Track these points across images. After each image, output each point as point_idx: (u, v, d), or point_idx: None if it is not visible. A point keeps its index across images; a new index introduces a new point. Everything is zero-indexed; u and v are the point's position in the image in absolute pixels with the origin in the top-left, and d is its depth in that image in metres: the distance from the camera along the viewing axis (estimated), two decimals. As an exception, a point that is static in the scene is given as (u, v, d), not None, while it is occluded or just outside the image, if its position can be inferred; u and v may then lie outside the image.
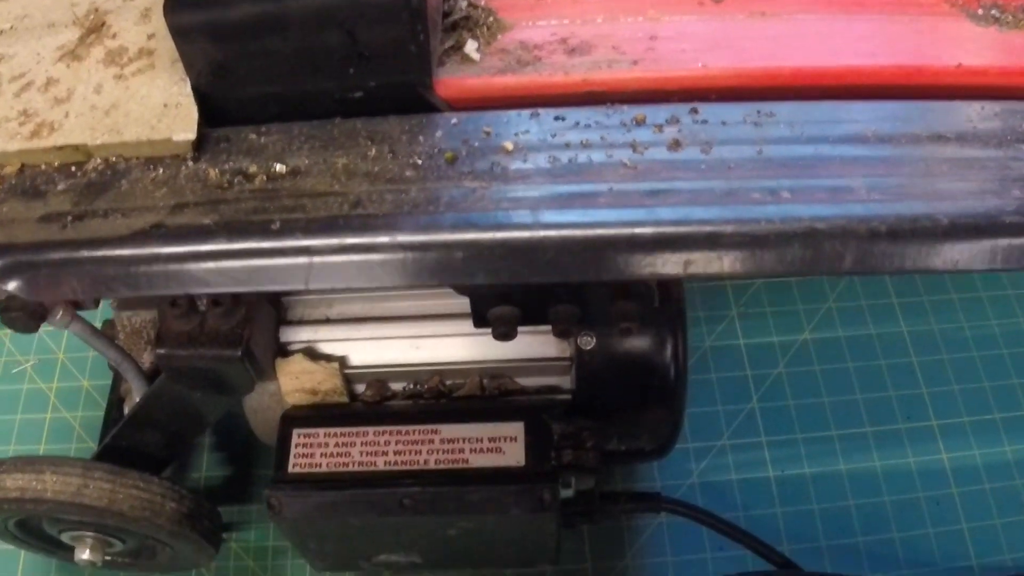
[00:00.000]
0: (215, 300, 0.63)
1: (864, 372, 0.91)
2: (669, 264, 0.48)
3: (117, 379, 0.81)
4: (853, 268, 0.48)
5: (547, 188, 0.49)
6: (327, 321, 0.70)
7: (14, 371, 0.97)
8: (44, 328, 0.88)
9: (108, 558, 0.79)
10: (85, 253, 0.48)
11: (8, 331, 0.89)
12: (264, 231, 0.47)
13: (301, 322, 0.70)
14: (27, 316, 0.61)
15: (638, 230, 0.46)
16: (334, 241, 0.46)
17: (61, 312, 0.63)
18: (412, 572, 0.83)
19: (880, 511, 0.85)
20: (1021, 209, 0.46)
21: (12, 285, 0.49)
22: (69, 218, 0.49)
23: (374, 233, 0.47)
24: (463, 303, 0.64)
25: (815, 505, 0.85)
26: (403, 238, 0.47)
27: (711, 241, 0.47)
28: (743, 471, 0.87)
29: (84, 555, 0.75)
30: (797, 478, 0.86)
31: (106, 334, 0.69)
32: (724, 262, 0.47)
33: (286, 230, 0.47)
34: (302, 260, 0.47)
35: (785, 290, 0.96)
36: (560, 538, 0.70)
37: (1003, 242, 0.46)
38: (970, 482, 0.87)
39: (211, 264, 0.48)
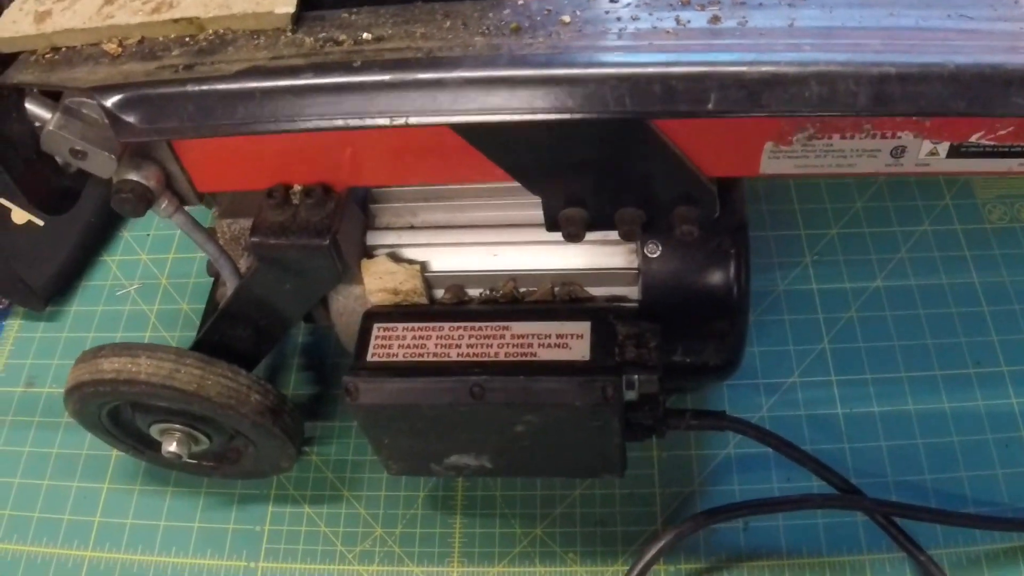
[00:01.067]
0: (307, 191, 0.67)
1: (935, 319, 0.93)
2: (698, 100, 0.55)
3: (214, 289, 0.86)
4: (866, 107, 0.54)
5: (598, 43, 0.55)
6: (410, 228, 0.74)
7: (119, 293, 1.03)
8: (148, 256, 0.94)
9: (194, 460, 0.84)
10: (191, 88, 0.57)
11: (116, 256, 0.96)
12: (347, 68, 0.52)
13: (387, 228, 0.75)
14: (136, 199, 0.66)
15: (669, 69, 0.54)
16: (407, 76, 0.51)
17: (166, 202, 0.68)
18: (481, 478, 0.86)
19: (948, 450, 0.86)
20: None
21: (130, 116, 0.57)
22: (180, 67, 0.55)
23: (442, 69, 0.52)
24: (538, 214, 0.67)
25: (883, 442, 0.86)
26: (466, 74, 0.52)
27: (735, 79, 0.53)
28: (812, 407, 0.89)
29: (171, 447, 0.79)
30: (865, 416, 0.88)
31: (206, 229, 0.73)
32: (745, 99, 0.54)
33: (365, 67, 0.51)
34: (381, 95, 0.52)
35: (858, 240, 0.97)
36: (624, 448, 0.73)
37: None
38: (1040, 426, 0.86)
39: (300, 98, 0.53)
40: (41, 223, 1.05)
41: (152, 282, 1.04)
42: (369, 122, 0.58)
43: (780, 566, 0.82)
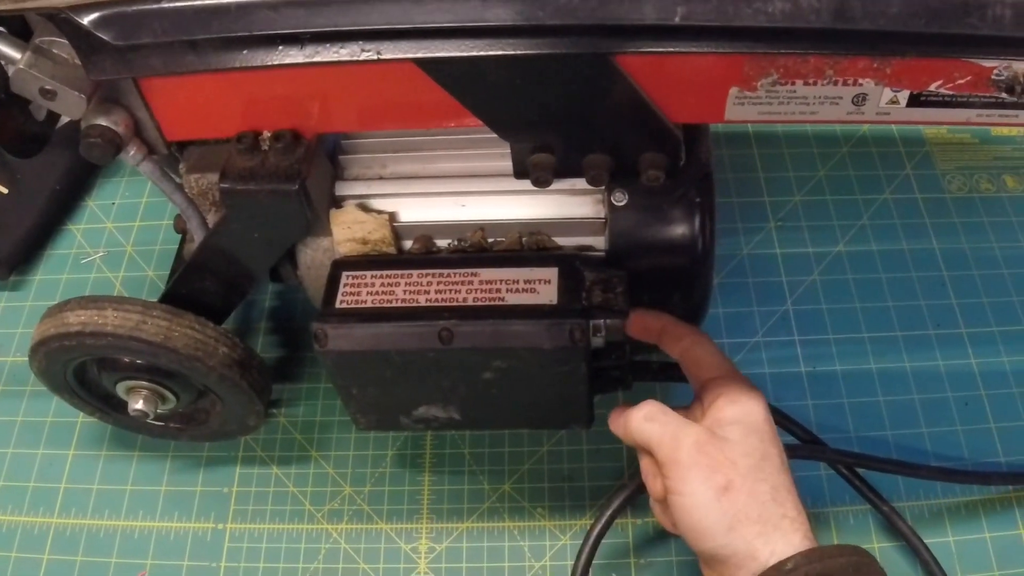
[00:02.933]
0: (276, 136, 0.67)
1: (896, 283, 0.94)
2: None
3: (181, 246, 0.86)
4: (828, 24, 0.56)
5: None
6: (379, 179, 0.75)
7: (83, 261, 1.03)
8: (113, 224, 0.94)
9: (160, 421, 0.85)
10: (167, 4, 0.58)
11: (80, 225, 0.96)
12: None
13: (356, 179, 0.75)
14: (105, 144, 0.66)
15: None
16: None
17: (135, 149, 0.68)
18: (449, 436, 0.87)
19: (909, 407, 0.88)
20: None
21: (106, 34, 0.59)
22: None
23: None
24: (505, 165, 0.68)
25: (845, 399, 0.88)
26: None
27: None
28: (776, 365, 0.90)
29: (138, 405, 0.79)
30: (828, 374, 0.89)
31: (174, 180, 0.73)
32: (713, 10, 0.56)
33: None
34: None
35: (821, 207, 0.99)
36: (592, 399, 0.73)
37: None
38: (999, 386, 0.89)
39: (274, 12, 0.54)
40: (5, 191, 1.05)
41: (117, 250, 1.04)
42: (339, 56, 0.58)
43: (745, 519, 0.82)
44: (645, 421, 0.65)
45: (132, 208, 1.08)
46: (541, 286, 0.69)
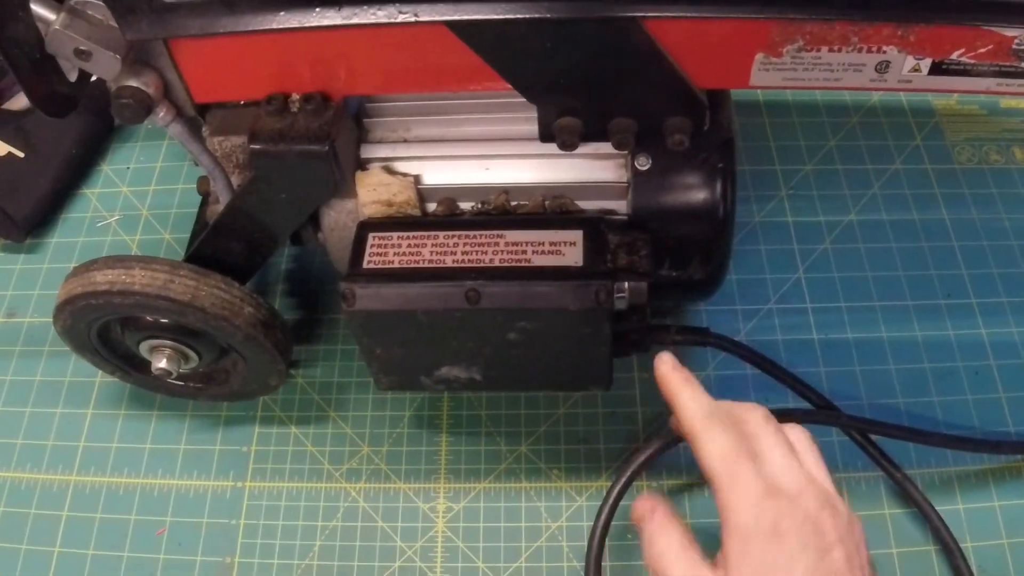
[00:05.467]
0: (307, 98, 0.68)
1: (906, 252, 0.95)
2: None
3: (202, 208, 0.87)
4: None
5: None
6: (404, 142, 0.75)
7: (99, 225, 1.04)
8: (128, 188, 0.95)
9: (181, 381, 0.86)
10: None
11: (95, 189, 0.96)
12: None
13: (380, 142, 0.76)
14: (136, 105, 0.66)
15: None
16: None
17: (164, 110, 0.69)
18: (467, 398, 0.88)
19: (920, 376, 0.89)
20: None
21: None
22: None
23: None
24: (530, 128, 0.69)
25: (857, 367, 0.89)
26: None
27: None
28: (788, 332, 0.91)
29: (161, 364, 0.80)
30: (840, 342, 0.90)
31: (202, 140, 0.73)
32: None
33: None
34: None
35: (832, 176, 1.00)
36: (612, 360, 0.74)
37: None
38: (1009, 356, 0.90)
39: None
40: (21, 155, 1.05)
41: (133, 213, 1.05)
42: (376, 19, 0.59)
43: (759, 482, 0.83)
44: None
45: (147, 173, 1.09)
46: (566, 248, 0.70)
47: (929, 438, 0.82)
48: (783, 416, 0.77)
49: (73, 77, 0.71)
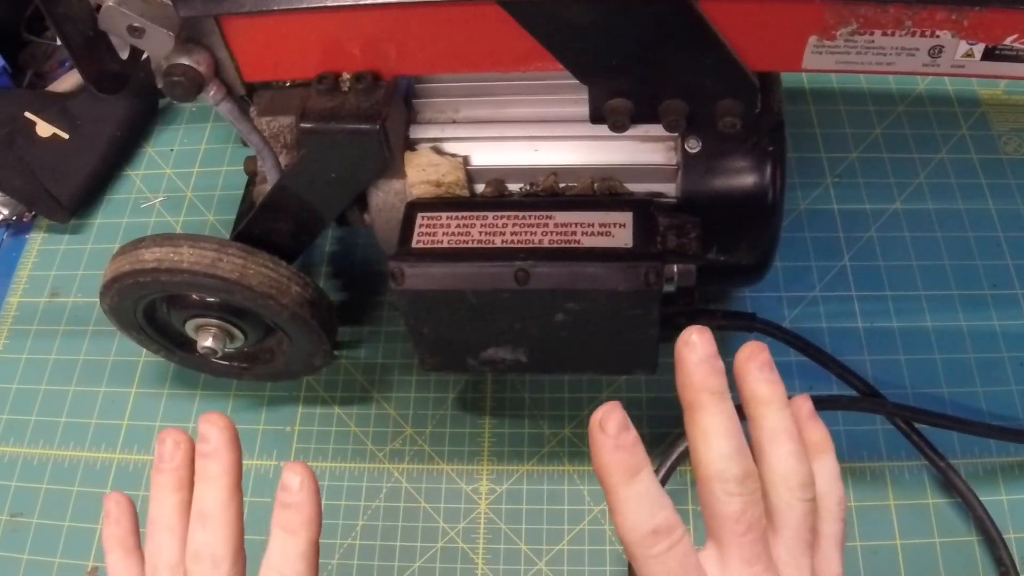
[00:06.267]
0: (358, 77, 0.68)
1: (952, 242, 0.95)
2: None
3: (248, 188, 0.87)
4: None
5: None
6: (453, 122, 0.75)
7: (143, 206, 1.04)
8: (172, 170, 0.95)
9: (225, 360, 0.87)
10: None
11: (140, 171, 0.97)
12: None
13: (429, 122, 0.76)
14: (187, 83, 0.67)
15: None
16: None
17: (215, 89, 0.69)
18: (510, 381, 0.88)
19: (965, 366, 0.88)
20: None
21: None
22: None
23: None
24: (579, 110, 0.68)
25: (902, 356, 0.88)
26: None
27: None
28: (833, 320, 0.90)
29: (207, 343, 0.80)
30: (885, 330, 0.90)
31: (251, 120, 0.74)
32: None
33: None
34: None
35: (878, 164, 0.99)
36: (658, 346, 0.74)
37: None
38: (1055, 349, 0.88)
39: None
40: (66, 136, 1.06)
41: (177, 195, 1.05)
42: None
43: (803, 469, 0.83)
44: None
45: (191, 155, 1.09)
46: (616, 230, 0.70)
47: (973, 427, 0.82)
48: (828, 403, 0.77)
49: (125, 55, 0.72)
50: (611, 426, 0.46)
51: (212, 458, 0.51)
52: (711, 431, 0.46)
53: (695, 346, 0.47)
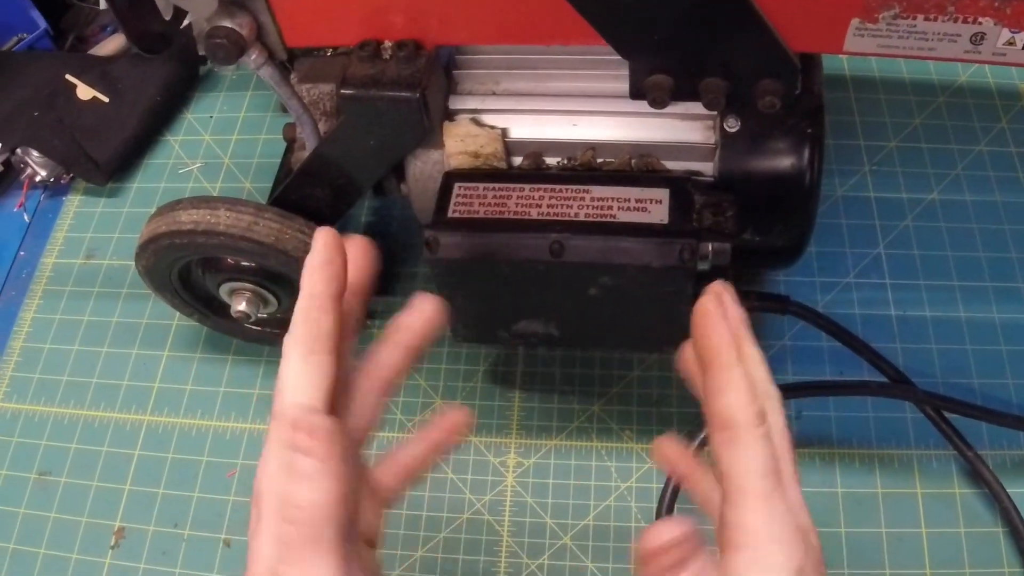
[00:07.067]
0: (400, 45, 0.68)
1: (988, 234, 0.94)
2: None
3: (287, 155, 0.87)
4: None
5: None
6: (492, 94, 0.76)
7: (181, 171, 1.05)
8: (210, 136, 0.96)
9: (258, 326, 0.87)
10: None
11: (178, 137, 0.97)
12: None
13: (469, 94, 0.76)
14: (229, 45, 0.67)
15: None
16: None
17: (256, 52, 0.69)
18: (546, 347, 0.88)
19: (997, 358, 0.88)
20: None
21: None
22: None
23: None
24: (618, 86, 0.68)
25: (933, 345, 0.88)
26: None
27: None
28: (866, 307, 0.90)
29: (241, 307, 0.81)
30: (917, 319, 0.89)
31: (292, 85, 0.74)
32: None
33: None
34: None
35: (916, 154, 0.99)
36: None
37: None
38: (1088, 344, 0.87)
39: None
40: (106, 100, 1.07)
41: (215, 161, 1.06)
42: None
43: (831, 455, 0.84)
44: None
45: (230, 122, 1.10)
46: (652, 206, 0.70)
47: (1003, 419, 0.81)
48: (858, 388, 0.77)
49: (168, 16, 0.72)
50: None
51: None
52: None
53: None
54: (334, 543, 0.44)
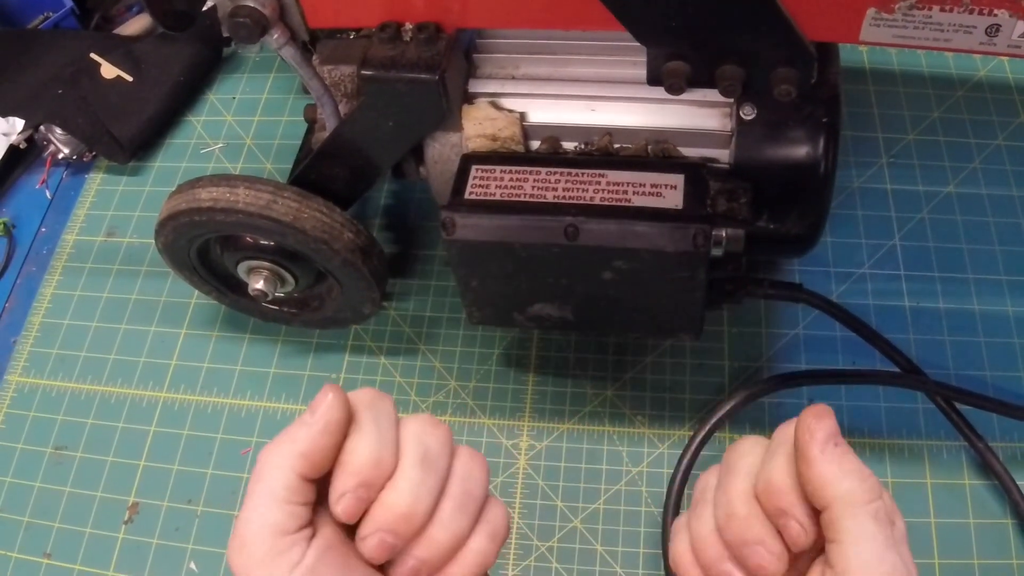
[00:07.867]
0: (420, 27, 0.69)
1: (1004, 228, 0.94)
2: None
3: (307, 135, 0.88)
4: None
5: None
6: (512, 79, 0.76)
7: (203, 151, 1.06)
8: (233, 117, 0.96)
9: (276, 305, 0.88)
10: None
11: (201, 117, 0.98)
12: None
13: (489, 77, 0.76)
14: (253, 24, 0.68)
15: None
16: None
17: (278, 32, 0.70)
18: (561, 331, 0.89)
19: (1010, 351, 0.88)
20: None
21: None
22: None
23: None
24: (636, 72, 0.69)
25: (947, 337, 0.88)
26: None
27: None
28: (880, 298, 0.91)
29: (258, 285, 0.81)
30: (931, 311, 0.90)
31: (313, 66, 0.75)
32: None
33: None
34: None
35: (934, 147, 0.99)
36: (704, 310, 0.74)
37: None
38: (1101, 341, 0.88)
39: None
40: (130, 79, 1.07)
41: (236, 142, 1.07)
42: None
43: (842, 443, 0.83)
44: None
45: (252, 103, 1.11)
46: (667, 191, 0.70)
47: (1015, 411, 0.82)
48: (870, 377, 0.77)
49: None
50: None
51: None
52: None
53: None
54: None
